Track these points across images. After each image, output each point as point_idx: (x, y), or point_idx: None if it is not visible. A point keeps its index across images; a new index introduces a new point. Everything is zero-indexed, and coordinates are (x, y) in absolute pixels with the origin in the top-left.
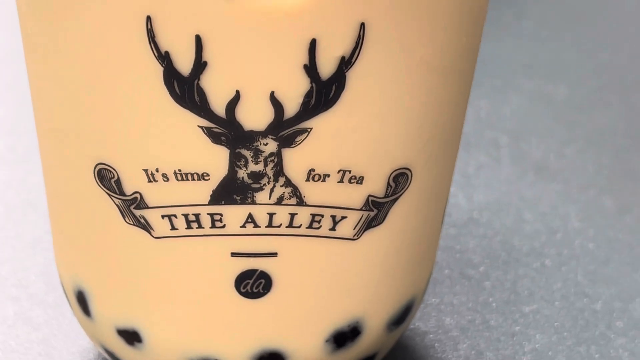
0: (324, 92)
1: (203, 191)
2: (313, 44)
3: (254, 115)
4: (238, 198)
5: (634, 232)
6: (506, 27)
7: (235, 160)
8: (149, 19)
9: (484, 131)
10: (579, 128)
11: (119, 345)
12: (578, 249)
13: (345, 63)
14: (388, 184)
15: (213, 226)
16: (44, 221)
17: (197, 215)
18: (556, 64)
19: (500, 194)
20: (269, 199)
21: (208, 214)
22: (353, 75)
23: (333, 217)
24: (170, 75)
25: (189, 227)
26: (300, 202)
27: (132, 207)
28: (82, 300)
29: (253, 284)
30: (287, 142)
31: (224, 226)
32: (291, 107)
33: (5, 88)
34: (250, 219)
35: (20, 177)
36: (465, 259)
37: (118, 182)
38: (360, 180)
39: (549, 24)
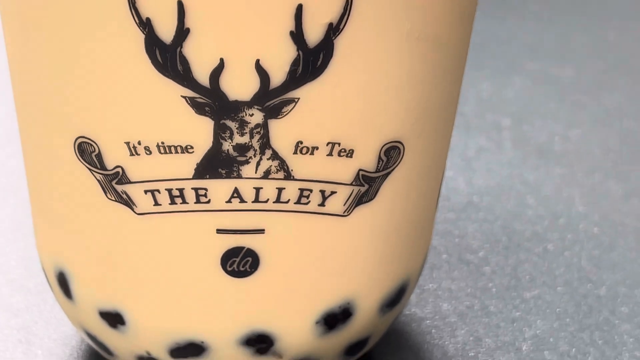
0: (311, 60)
1: (187, 165)
2: (299, 10)
3: (239, 85)
4: (223, 172)
5: None
6: (510, 7)
7: (219, 132)
8: None
9: (485, 114)
10: (585, 110)
11: (101, 328)
12: (582, 234)
13: (333, 30)
14: (379, 157)
15: (198, 201)
16: (25, 206)
17: (181, 190)
18: (562, 46)
19: (501, 177)
20: (255, 172)
21: (192, 188)
22: (341, 43)
23: (322, 192)
24: (152, 43)
25: (172, 202)
26: (288, 176)
27: (114, 182)
28: (63, 282)
29: (240, 262)
30: (274, 112)
31: (209, 201)
32: (277, 76)
33: None
34: (236, 193)
35: (0, 161)
36: (464, 243)
37: (99, 156)
38: (350, 153)
39: (554, 4)
